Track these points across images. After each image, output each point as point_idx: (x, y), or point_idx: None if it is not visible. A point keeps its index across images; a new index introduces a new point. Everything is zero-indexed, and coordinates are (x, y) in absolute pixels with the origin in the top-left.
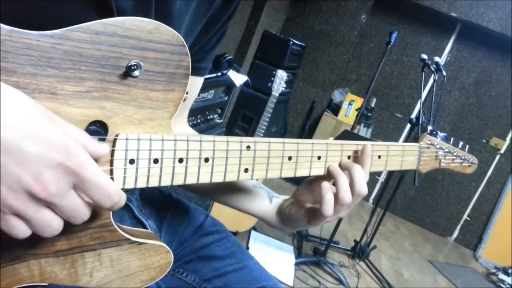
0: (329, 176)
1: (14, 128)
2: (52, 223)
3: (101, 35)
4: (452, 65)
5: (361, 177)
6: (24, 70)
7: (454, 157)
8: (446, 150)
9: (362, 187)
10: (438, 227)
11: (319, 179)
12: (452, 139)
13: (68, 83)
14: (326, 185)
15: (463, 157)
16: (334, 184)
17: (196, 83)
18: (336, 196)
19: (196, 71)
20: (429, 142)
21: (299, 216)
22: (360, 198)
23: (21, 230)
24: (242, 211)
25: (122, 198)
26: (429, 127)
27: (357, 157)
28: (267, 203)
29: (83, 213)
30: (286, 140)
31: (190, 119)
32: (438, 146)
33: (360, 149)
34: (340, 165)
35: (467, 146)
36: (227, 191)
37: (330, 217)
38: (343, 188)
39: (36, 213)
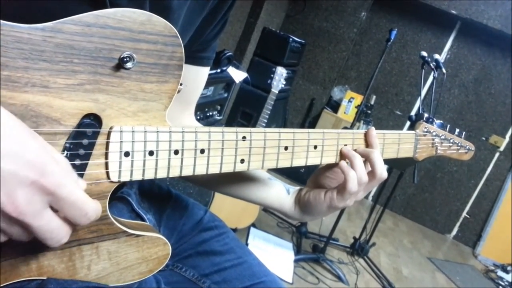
0: (342, 159)
1: None
2: (28, 237)
3: (93, 27)
4: (452, 62)
5: (381, 160)
6: (16, 63)
7: (451, 144)
8: (443, 137)
9: (383, 171)
10: (437, 225)
11: (331, 166)
12: (449, 126)
13: (61, 76)
14: (344, 164)
15: (459, 144)
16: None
17: (200, 73)
18: None
19: (199, 61)
20: (425, 130)
21: (319, 200)
22: (380, 182)
23: None
24: (259, 204)
25: (99, 214)
26: (425, 115)
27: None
28: (284, 194)
29: (61, 235)
30: (281, 130)
31: None
32: (434, 133)
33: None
34: (358, 152)
35: (464, 133)
36: (243, 184)
37: (351, 197)
38: (359, 168)
39: (9, 228)
